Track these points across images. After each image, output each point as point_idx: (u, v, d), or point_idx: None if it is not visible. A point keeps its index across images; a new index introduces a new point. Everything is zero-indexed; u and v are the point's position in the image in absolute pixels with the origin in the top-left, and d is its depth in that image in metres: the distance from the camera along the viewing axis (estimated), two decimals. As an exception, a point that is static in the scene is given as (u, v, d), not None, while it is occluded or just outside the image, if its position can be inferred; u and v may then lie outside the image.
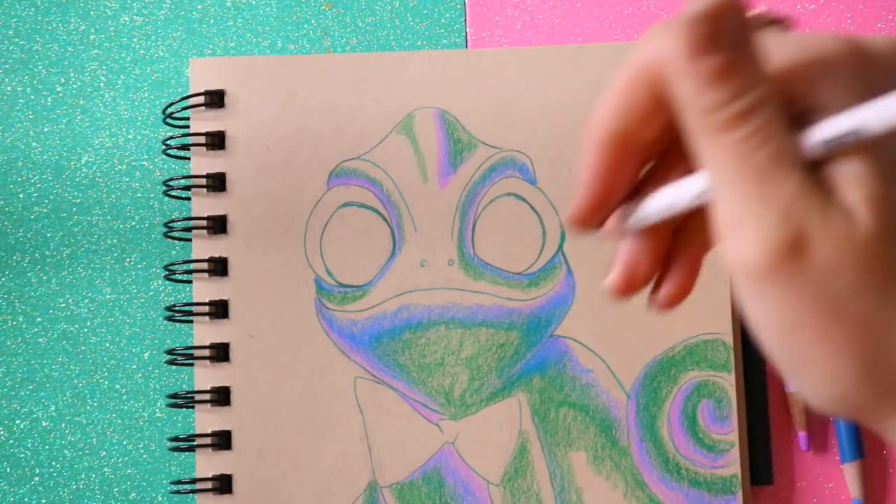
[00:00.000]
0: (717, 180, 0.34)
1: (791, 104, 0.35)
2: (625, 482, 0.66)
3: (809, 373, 0.33)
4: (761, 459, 0.67)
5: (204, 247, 0.67)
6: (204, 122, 0.68)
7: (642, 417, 0.66)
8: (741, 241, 0.33)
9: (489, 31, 0.72)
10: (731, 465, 0.66)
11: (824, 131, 0.34)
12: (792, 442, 0.68)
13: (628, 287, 0.39)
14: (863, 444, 0.67)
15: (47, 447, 0.69)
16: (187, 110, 0.68)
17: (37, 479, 0.69)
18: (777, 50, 0.36)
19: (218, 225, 0.67)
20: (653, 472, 0.66)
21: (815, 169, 0.33)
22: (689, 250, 0.40)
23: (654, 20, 0.71)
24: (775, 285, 0.32)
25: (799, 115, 0.35)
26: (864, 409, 0.33)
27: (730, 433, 0.66)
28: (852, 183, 0.32)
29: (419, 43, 0.72)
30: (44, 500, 0.69)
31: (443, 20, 0.73)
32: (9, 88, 0.72)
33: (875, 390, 0.33)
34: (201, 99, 0.68)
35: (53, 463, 0.69)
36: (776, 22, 0.40)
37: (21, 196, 0.71)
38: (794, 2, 0.71)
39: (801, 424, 0.67)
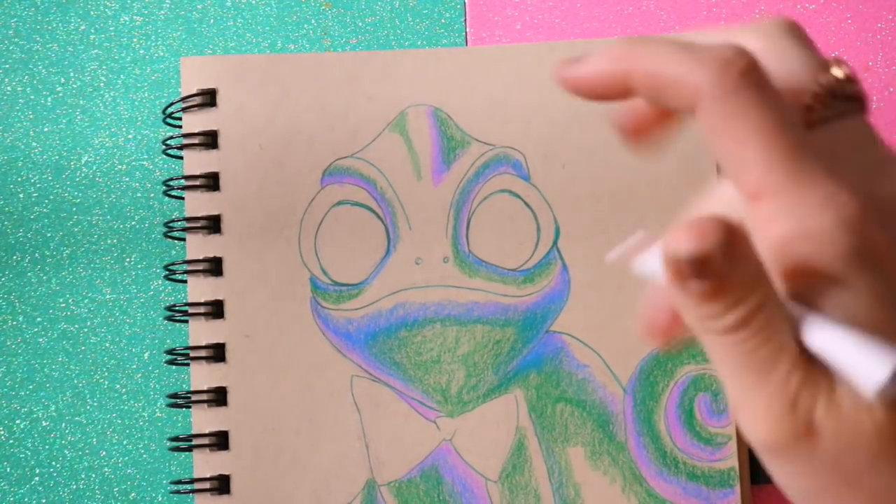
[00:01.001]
0: (721, 370, 0.34)
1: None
2: (623, 477, 0.64)
3: None
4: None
5: (198, 246, 0.66)
6: (197, 121, 0.67)
7: (639, 412, 0.65)
8: (752, 423, 0.33)
9: (489, 30, 0.71)
10: (729, 458, 0.64)
11: (827, 345, 0.32)
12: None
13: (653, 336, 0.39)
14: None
15: (47, 447, 0.68)
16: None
17: (37, 478, 0.68)
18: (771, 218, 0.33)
19: (212, 224, 0.66)
20: (650, 466, 0.65)
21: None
22: None
23: (655, 20, 0.71)
24: (789, 461, 0.33)
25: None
26: None
27: (727, 426, 0.64)
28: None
29: (419, 43, 0.71)
30: (44, 500, 0.68)
31: (443, 20, 0.72)
32: (9, 88, 0.71)
33: None
34: (194, 98, 0.67)
35: (53, 463, 0.68)
36: (852, 97, 0.37)
37: (21, 196, 0.70)
38: (794, 1, 0.70)
39: None
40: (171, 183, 0.67)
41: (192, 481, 0.65)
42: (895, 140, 0.68)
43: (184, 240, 0.66)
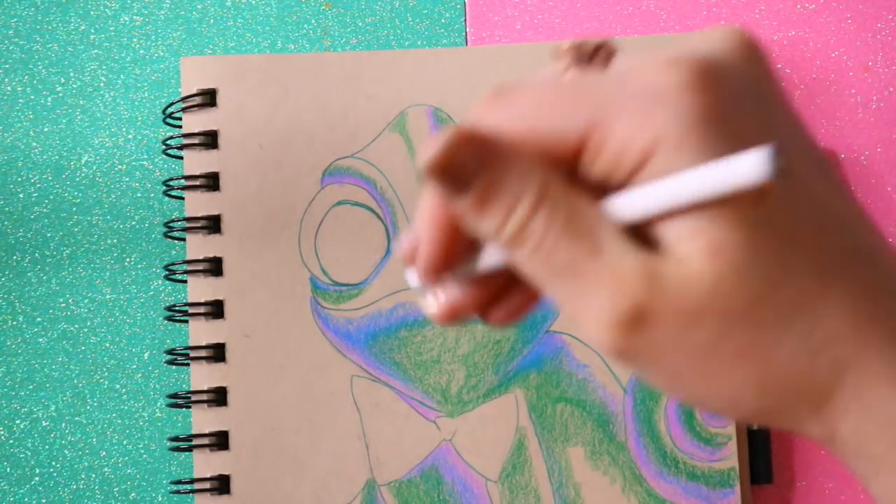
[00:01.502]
0: (536, 282, 0.33)
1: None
2: (623, 477, 0.64)
3: (709, 405, 0.33)
4: (761, 458, 0.66)
5: (198, 246, 0.65)
6: (197, 121, 0.66)
7: (639, 412, 0.65)
8: (587, 329, 0.32)
9: (489, 30, 0.71)
10: (729, 458, 0.64)
11: (636, 206, 0.32)
12: (792, 441, 0.67)
13: (449, 320, 0.38)
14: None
15: (47, 447, 0.68)
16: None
17: (37, 478, 0.68)
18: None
19: (212, 224, 0.66)
20: (650, 466, 0.64)
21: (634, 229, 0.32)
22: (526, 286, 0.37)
23: (655, 20, 0.70)
24: (637, 354, 0.32)
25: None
26: (778, 422, 0.34)
27: (727, 426, 0.64)
28: (686, 238, 0.31)
29: (419, 43, 0.71)
30: (44, 500, 0.67)
31: (443, 20, 0.71)
32: (9, 88, 0.71)
33: (778, 406, 0.33)
34: (194, 98, 0.66)
35: (53, 463, 0.68)
36: (599, 49, 0.37)
37: (21, 196, 0.70)
38: (794, 2, 0.70)
39: None
40: (171, 183, 0.67)
41: (192, 481, 0.64)
42: (895, 140, 0.67)
43: (184, 240, 0.66)
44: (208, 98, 0.66)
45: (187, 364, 0.65)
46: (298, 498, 0.64)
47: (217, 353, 0.65)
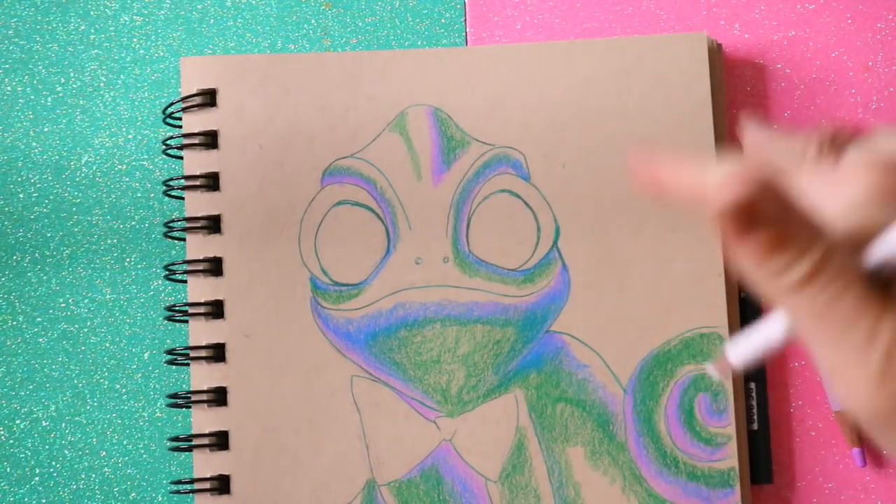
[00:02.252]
0: (806, 334, 0.34)
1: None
2: (623, 477, 0.64)
3: None
4: (761, 458, 0.65)
5: (198, 246, 0.65)
6: (197, 121, 0.66)
7: (639, 412, 0.64)
8: (851, 389, 0.32)
9: (489, 30, 0.71)
10: (729, 458, 0.64)
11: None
12: (792, 441, 0.67)
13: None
14: None
15: (47, 447, 0.68)
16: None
17: (37, 478, 0.67)
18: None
19: (212, 224, 0.65)
20: (650, 466, 0.64)
21: None
22: None
23: (654, 20, 0.70)
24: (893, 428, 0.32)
25: None
26: None
27: (727, 426, 0.64)
28: None
29: (419, 43, 0.70)
30: (44, 500, 0.67)
31: (443, 20, 0.71)
32: (9, 88, 0.70)
33: None
34: (194, 98, 0.66)
35: (53, 463, 0.67)
36: (853, 136, 0.38)
37: (21, 196, 0.69)
38: (794, 2, 0.70)
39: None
40: (171, 183, 0.66)
41: (193, 481, 0.64)
42: (895, 140, 0.67)
43: (184, 240, 0.66)
44: (208, 98, 0.66)
45: (187, 364, 0.65)
46: (298, 498, 0.64)
47: (217, 353, 0.65)
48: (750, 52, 0.69)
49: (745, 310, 0.66)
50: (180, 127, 0.67)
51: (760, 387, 0.66)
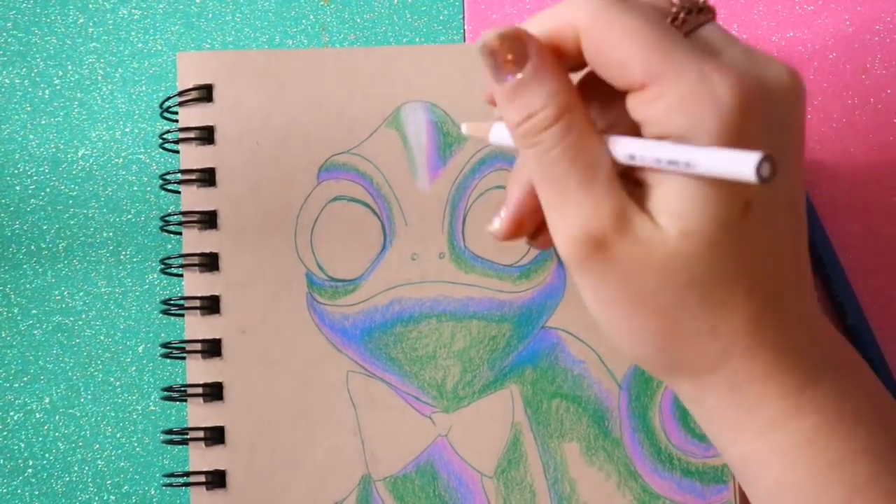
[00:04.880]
0: (538, 188, 0.40)
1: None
2: (618, 473, 0.63)
3: (619, 338, 0.41)
4: (755, 455, 0.66)
5: (195, 241, 0.64)
6: (193, 115, 0.65)
7: (634, 408, 0.64)
8: (555, 235, 0.39)
9: (487, 27, 0.70)
10: (723, 455, 0.64)
11: (640, 151, 0.37)
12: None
13: (513, 234, 0.45)
14: None
15: (41, 439, 0.67)
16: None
17: (30, 471, 0.67)
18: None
19: (208, 219, 0.64)
20: (645, 462, 0.64)
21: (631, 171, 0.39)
22: None
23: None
24: (585, 272, 0.39)
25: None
26: (657, 373, 0.42)
27: (722, 424, 0.64)
28: (668, 209, 0.37)
29: (417, 39, 0.70)
30: (37, 492, 0.66)
31: (441, 17, 0.70)
32: (6, 81, 0.70)
33: (666, 363, 0.41)
34: (191, 93, 0.65)
35: (47, 455, 0.67)
36: (704, 10, 0.40)
37: (17, 188, 0.69)
38: (794, 2, 0.70)
39: None
40: (168, 177, 0.66)
41: (186, 475, 0.64)
42: (892, 141, 0.67)
43: (180, 234, 0.65)
44: (205, 93, 0.65)
45: (182, 357, 0.64)
46: (294, 493, 0.63)
47: (213, 348, 0.64)
48: (747, 50, 0.68)
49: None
50: (177, 121, 0.66)
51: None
